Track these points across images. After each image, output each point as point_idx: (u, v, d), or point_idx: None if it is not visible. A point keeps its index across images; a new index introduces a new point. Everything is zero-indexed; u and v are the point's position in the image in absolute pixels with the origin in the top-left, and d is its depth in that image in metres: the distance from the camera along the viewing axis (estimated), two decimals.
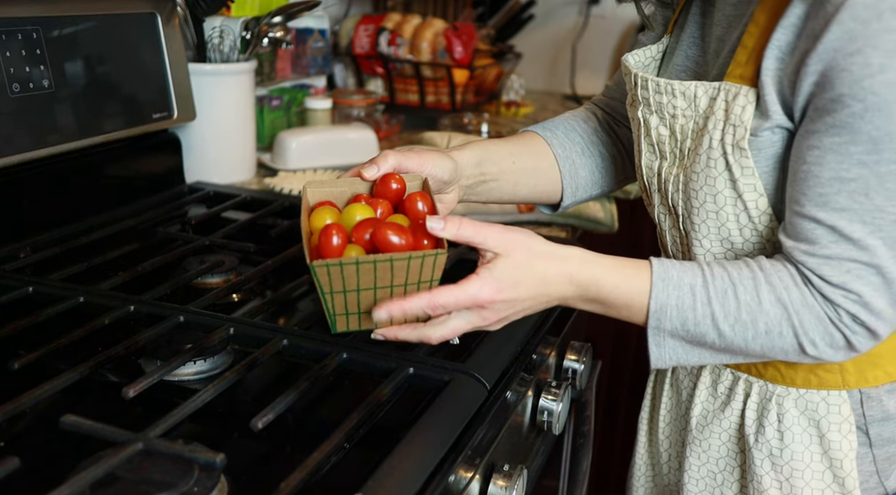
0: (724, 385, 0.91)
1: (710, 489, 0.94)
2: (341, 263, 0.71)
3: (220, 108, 1.37)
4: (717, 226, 0.81)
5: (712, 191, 0.79)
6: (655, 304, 0.76)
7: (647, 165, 0.88)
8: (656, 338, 0.77)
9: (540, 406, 0.90)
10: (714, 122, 0.78)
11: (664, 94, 0.82)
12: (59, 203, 1.11)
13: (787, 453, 0.86)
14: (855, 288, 0.71)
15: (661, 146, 0.85)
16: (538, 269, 0.76)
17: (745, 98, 0.75)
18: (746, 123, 0.75)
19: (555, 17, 2.61)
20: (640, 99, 0.85)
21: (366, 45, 1.99)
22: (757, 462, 0.87)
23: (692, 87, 0.80)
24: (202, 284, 1.00)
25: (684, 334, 0.76)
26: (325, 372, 0.75)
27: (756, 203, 0.78)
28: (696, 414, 0.93)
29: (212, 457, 0.60)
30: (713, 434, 0.92)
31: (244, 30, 1.38)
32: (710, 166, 0.78)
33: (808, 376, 0.84)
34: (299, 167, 1.49)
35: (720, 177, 0.78)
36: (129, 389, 0.69)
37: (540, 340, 0.92)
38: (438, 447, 0.66)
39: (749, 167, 0.77)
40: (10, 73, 1.00)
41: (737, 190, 0.78)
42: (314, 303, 0.97)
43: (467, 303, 0.74)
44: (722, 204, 0.79)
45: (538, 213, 1.28)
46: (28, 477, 0.62)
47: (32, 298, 0.88)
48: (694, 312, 0.75)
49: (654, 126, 0.85)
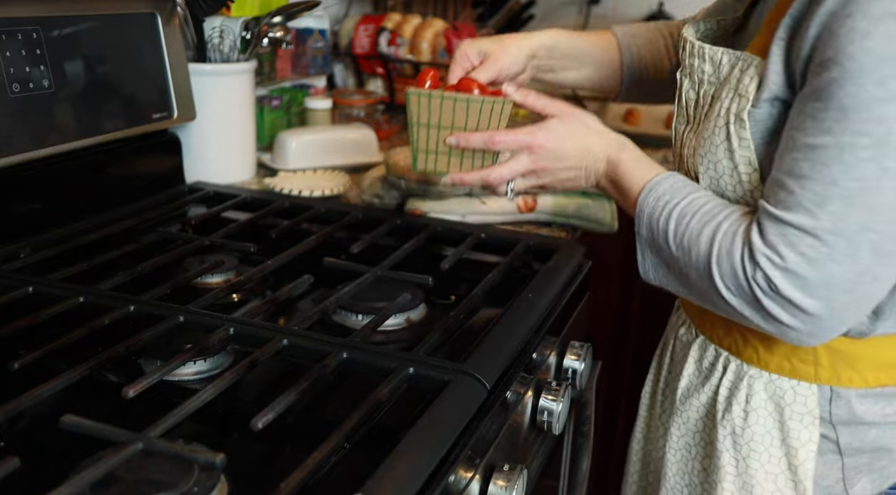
0: (707, 360, 0.94)
1: (685, 461, 0.97)
2: (430, 95, 0.91)
3: (220, 108, 1.37)
4: (720, 194, 0.83)
5: (713, 158, 0.81)
6: (638, 208, 0.83)
7: (675, 127, 0.92)
8: (641, 245, 0.84)
9: (540, 406, 0.90)
10: (727, 91, 0.80)
11: (696, 57, 0.85)
12: (59, 203, 1.11)
13: (749, 433, 0.87)
14: (784, 252, 0.71)
15: (688, 109, 0.89)
16: (584, 137, 0.88)
17: (755, 69, 0.77)
18: (750, 95, 0.77)
19: (555, 17, 2.61)
20: (681, 60, 0.89)
21: (366, 45, 1.99)
22: (720, 438, 0.89)
23: (719, 53, 0.82)
24: (202, 284, 1.00)
25: (653, 246, 0.82)
26: (325, 372, 0.75)
27: (749, 177, 0.79)
28: (682, 387, 0.97)
29: (212, 457, 0.60)
30: (692, 407, 0.95)
31: (244, 30, 1.38)
32: (715, 134, 0.81)
33: (782, 362, 0.85)
34: (299, 167, 1.49)
35: (721, 147, 0.80)
36: (129, 389, 0.69)
37: (540, 340, 0.92)
38: (438, 447, 0.66)
39: (746, 139, 0.78)
40: (10, 73, 1.00)
41: (733, 161, 0.79)
42: (314, 303, 0.97)
43: (520, 143, 0.88)
44: (721, 172, 0.81)
45: (538, 213, 1.28)
46: (28, 477, 0.62)
47: (32, 298, 0.88)
48: (657, 225, 0.81)
49: (685, 89, 0.88)
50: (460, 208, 1.24)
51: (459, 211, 1.24)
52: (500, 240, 1.16)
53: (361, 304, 0.94)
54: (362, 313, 0.93)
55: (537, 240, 1.15)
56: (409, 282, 0.99)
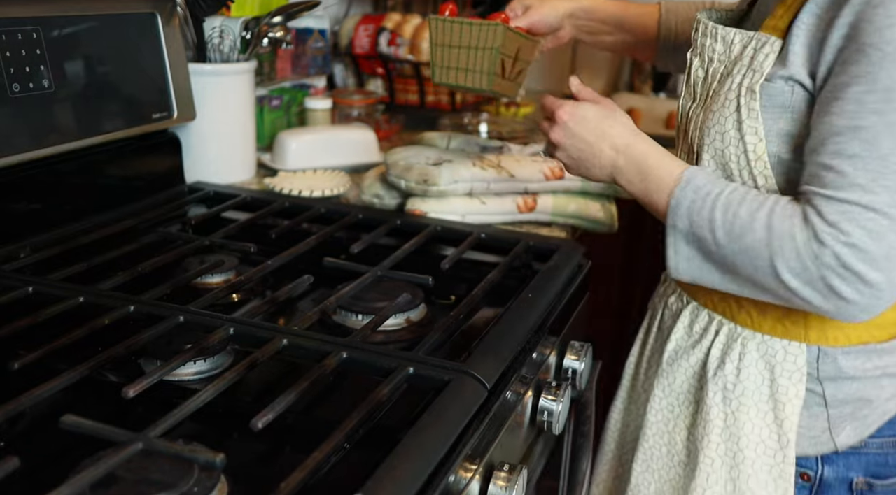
0: (699, 325, 0.98)
1: (666, 421, 1.01)
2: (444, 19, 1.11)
3: (220, 108, 1.37)
4: (722, 165, 0.87)
5: (721, 129, 0.86)
6: (674, 201, 0.84)
7: (683, 106, 0.97)
8: (672, 239, 0.85)
9: (540, 406, 0.90)
10: (739, 67, 0.86)
11: (708, 37, 0.91)
12: (59, 203, 1.11)
13: (740, 388, 0.92)
14: (847, 228, 0.74)
15: (696, 87, 0.94)
16: (607, 125, 0.91)
17: (771, 47, 0.83)
18: (764, 70, 0.83)
19: None
20: (693, 41, 0.95)
21: (366, 45, 1.99)
22: (710, 394, 0.94)
23: (731, 33, 0.88)
24: (202, 284, 1.00)
25: (691, 238, 0.83)
26: (325, 372, 0.75)
27: (755, 147, 0.84)
28: (670, 350, 1.01)
29: (212, 457, 0.60)
30: (680, 368, 0.99)
31: (244, 30, 1.38)
32: (725, 106, 0.86)
33: (775, 325, 0.91)
34: (299, 167, 1.49)
35: (730, 117, 0.85)
36: (129, 389, 0.69)
37: (540, 340, 0.92)
38: (438, 447, 0.66)
39: (755, 110, 0.83)
40: (10, 73, 1.00)
41: (741, 131, 0.85)
42: (314, 303, 0.97)
43: (548, 109, 0.95)
44: (727, 143, 0.86)
45: (538, 213, 1.28)
46: (28, 477, 0.62)
47: (32, 298, 0.88)
48: (699, 216, 0.82)
49: (694, 67, 0.94)
50: (460, 208, 1.24)
51: (459, 211, 1.24)
52: (500, 240, 1.16)
53: (361, 304, 0.94)
54: (362, 313, 0.93)
55: (537, 240, 1.16)
56: (409, 282, 0.99)
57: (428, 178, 1.21)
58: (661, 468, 1.02)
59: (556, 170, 1.27)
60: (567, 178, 1.28)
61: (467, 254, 1.11)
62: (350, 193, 1.40)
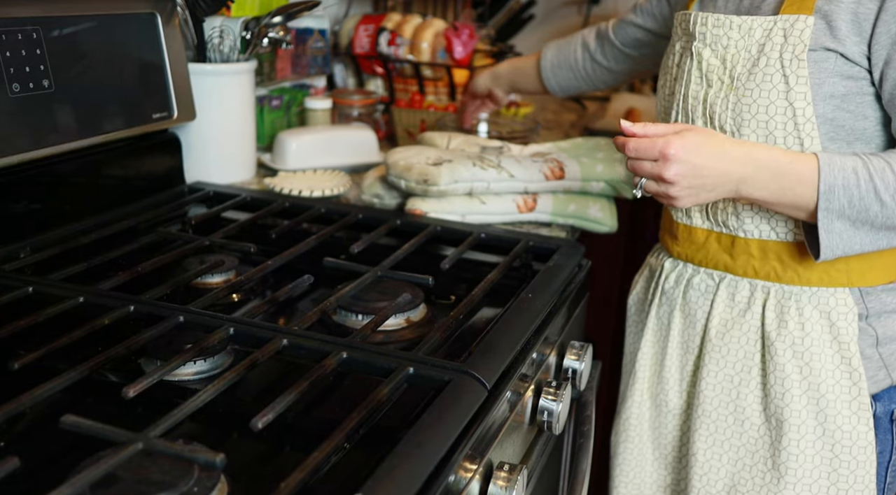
0: (741, 295, 1.05)
1: (728, 392, 1.06)
2: None
3: (220, 108, 1.37)
4: (766, 135, 0.95)
5: (765, 102, 0.95)
6: (825, 185, 0.89)
7: (693, 95, 1.02)
8: (825, 221, 0.90)
9: (540, 406, 0.90)
10: (771, 46, 0.94)
11: (721, 27, 0.99)
12: (59, 203, 1.11)
13: (808, 341, 1.00)
14: None
15: (710, 75, 1.00)
16: (718, 142, 0.91)
17: (805, 23, 0.92)
18: (806, 41, 0.92)
19: (555, 17, 2.61)
20: (696, 35, 1.01)
21: (366, 45, 1.99)
22: (780, 352, 1.01)
23: (749, 20, 0.96)
24: (202, 284, 1.00)
25: (850, 212, 0.90)
26: (325, 372, 0.75)
27: (804, 110, 0.93)
28: (715, 325, 1.06)
29: (212, 457, 0.60)
30: (732, 339, 1.05)
31: (244, 30, 1.38)
32: (766, 81, 0.94)
33: (821, 276, 1.00)
34: (299, 167, 1.49)
35: (774, 89, 0.94)
36: (129, 389, 0.69)
37: (540, 340, 0.92)
38: (438, 447, 0.66)
39: (804, 75, 0.93)
40: (10, 73, 1.00)
41: (788, 98, 0.93)
42: (314, 303, 0.97)
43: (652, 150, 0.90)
44: (773, 113, 0.94)
45: (538, 213, 1.28)
46: (28, 477, 0.62)
47: (32, 298, 0.88)
48: (858, 189, 0.89)
49: (706, 57, 1.00)
50: (460, 208, 1.24)
51: (459, 211, 1.24)
52: (500, 240, 1.16)
53: (361, 304, 0.94)
54: (362, 313, 0.93)
55: (537, 240, 1.16)
56: (409, 282, 0.99)
57: (428, 178, 1.21)
58: (731, 438, 1.06)
59: (556, 170, 1.27)
60: (567, 178, 1.28)
61: (467, 254, 1.11)
62: (350, 193, 1.40)
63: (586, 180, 1.29)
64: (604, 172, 1.29)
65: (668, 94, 1.08)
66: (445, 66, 1.93)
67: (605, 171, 1.29)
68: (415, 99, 1.91)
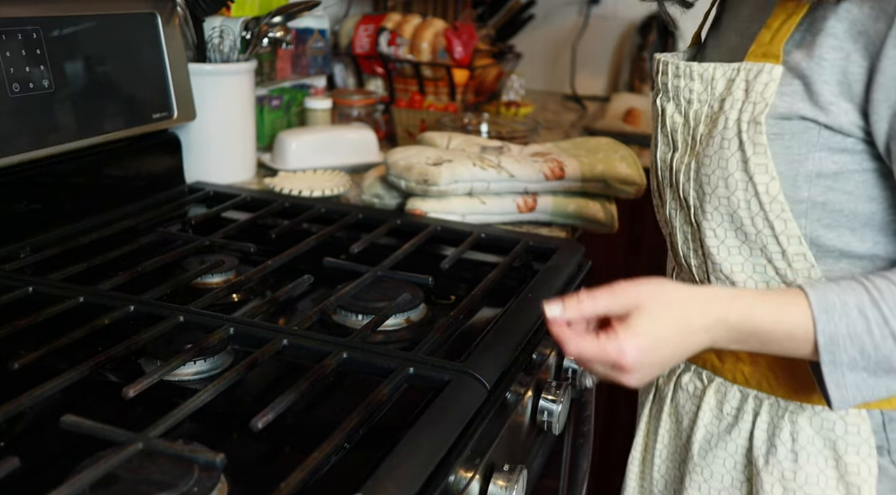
0: (730, 404, 0.85)
1: None
2: None
3: (220, 108, 1.37)
4: (730, 214, 0.76)
5: (724, 173, 0.75)
6: (824, 338, 0.69)
7: (661, 158, 0.85)
8: (834, 375, 0.70)
9: (540, 406, 0.90)
10: (731, 103, 0.75)
11: (682, 78, 0.80)
12: (59, 203, 1.11)
13: (801, 476, 0.79)
14: None
15: (675, 135, 0.83)
16: (681, 320, 0.70)
17: (769, 75, 0.73)
18: (768, 99, 0.73)
19: (555, 17, 2.61)
20: (659, 85, 0.84)
21: (366, 45, 1.99)
22: (766, 487, 0.80)
23: (710, 68, 0.78)
24: (202, 284, 1.00)
25: (865, 363, 0.69)
26: (325, 372, 0.75)
27: (767, 187, 0.74)
28: (699, 439, 0.87)
29: (212, 457, 0.60)
30: (717, 459, 0.85)
31: (244, 30, 1.38)
32: (724, 147, 0.75)
33: None
34: (299, 167, 1.49)
35: (732, 158, 0.75)
36: (129, 389, 0.69)
37: (540, 340, 0.92)
38: (438, 447, 0.66)
39: (762, 144, 0.73)
40: (10, 73, 1.00)
41: (748, 171, 0.74)
42: (314, 303, 0.97)
43: (606, 360, 0.69)
44: (733, 188, 0.75)
45: (538, 213, 1.28)
46: (28, 477, 0.62)
47: (32, 298, 0.88)
48: (871, 336, 0.68)
49: (669, 114, 0.83)
50: (460, 208, 1.24)
51: (459, 211, 1.24)
52: (500, 240, 1.16)
53: (361, 304, 0.94)
54: (362, 313, 0.93)
55: (537, 240, 1.15)
56: (409, 282, 0.99)
57: (428, 178, 1.21)
58: None
59: (556, 170, 1.27)
60: (567, 178, 1.28)
61: (467, 254, 1.11)
62: (350, 193, 1.40)
63: (586, 180, 1.29)
64: (604, 172, 1.29)
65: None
66: (445, 66, 1.93)
67: (605, 171, 1.29)
68: (415, 99, 1.91)
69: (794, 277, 0.77)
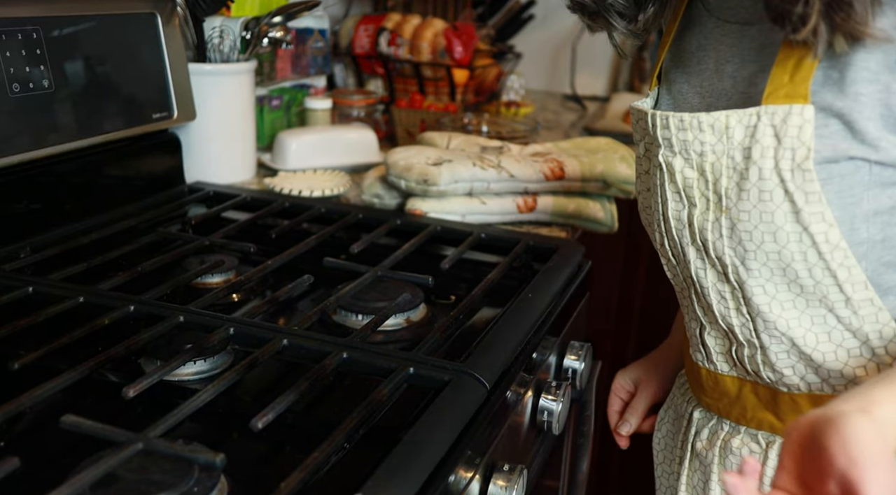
0: None
1: None
2: None
3: (220, 108, 1.37)
4: (782, 268, 0.72)
5: (770, 227, 0.71)
6: None
7: (675, 217, 0.79)
8: None
9: (540, 406, 0.90)
10: (761, 151, 0.70)
11: (689, 130, 0.75)
12: (59, 203, 1.11)
13: None
14: None
15: (689, 191, 0.77)
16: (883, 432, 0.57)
17: (800, 116, 0.68)
18: (807, 143, 0.68)
19: (555, 17, 2.61)
20: (660, 141, 0.77)
21: (366, 45, 1.99)
22: None
23: (722, 117, 0.72)
24: (202, 284, 1.00)
25: None
26: (325, 372, 0.75)
27: (826, 236, 0.70)
28: None
29: (212, 457, 0.60)
30: None
31: (244, 30, 1.38)
32: (765, 200, 0.71)
33: None
34: (299, 167, 1.49)
35: (778, 211, 0.70)
36: (129, 389, 0.69)
37: (540, 340, 0.92)
38: (438, 447, 0.66)
39: (815, 192, 0.69)
40: (10, 73, 1.00)
41: (800, 222, 0.70)
42: (314, 303, 0.97)
43: None
44: (784, 241, 0.71)
45: (538, 213, 1.28)
46: (28, 477, 0.62)
47: (32, 298, 0.88)
48: None
49: (678, 169, 0.76)
50: (460, 208, 1.24)
51: (459, 211, 1.24)
52: (500, 240, 1.16)
53: (361, 304, 0.94)
54: (362, 313, 0.93)
55: (537, 240, 1.15)
56: (409, 282, 0.99)
57: (428, 178, 1.21)
58: None
59: (556, 170, 1.27)
60: (567, 178, 1.28)
61: (467, 254, 1.11)
62: (350, 193, 1.40)
63: (586, 180, 1.29)
64: (604, 172, 1.29)
65: (646, 206, 0.86)
66: (445, 66, 1.93)
67: (605, 171, 1.29)
68: (415, 99, 1.91)
69: (860, 324, 0.74)
